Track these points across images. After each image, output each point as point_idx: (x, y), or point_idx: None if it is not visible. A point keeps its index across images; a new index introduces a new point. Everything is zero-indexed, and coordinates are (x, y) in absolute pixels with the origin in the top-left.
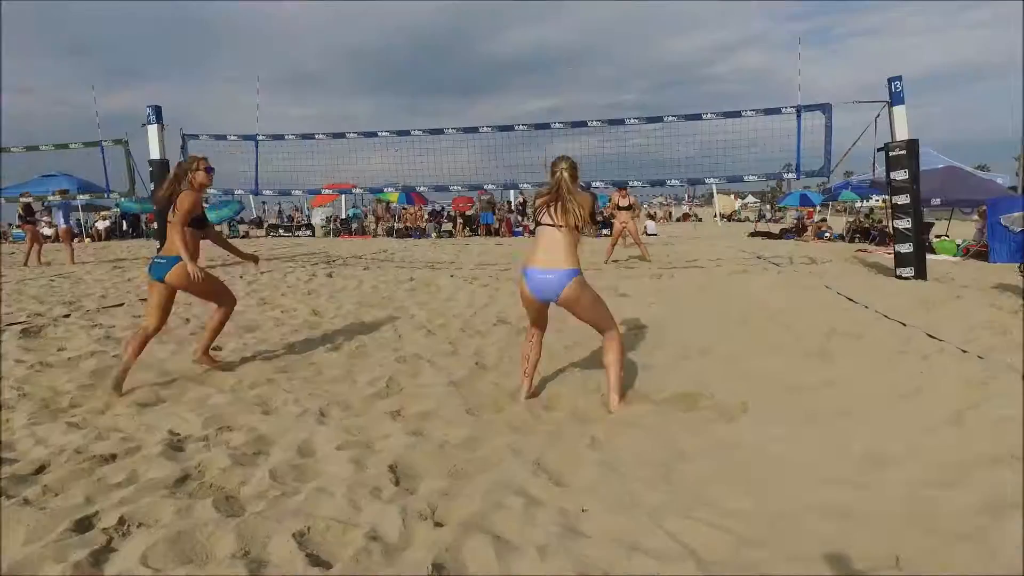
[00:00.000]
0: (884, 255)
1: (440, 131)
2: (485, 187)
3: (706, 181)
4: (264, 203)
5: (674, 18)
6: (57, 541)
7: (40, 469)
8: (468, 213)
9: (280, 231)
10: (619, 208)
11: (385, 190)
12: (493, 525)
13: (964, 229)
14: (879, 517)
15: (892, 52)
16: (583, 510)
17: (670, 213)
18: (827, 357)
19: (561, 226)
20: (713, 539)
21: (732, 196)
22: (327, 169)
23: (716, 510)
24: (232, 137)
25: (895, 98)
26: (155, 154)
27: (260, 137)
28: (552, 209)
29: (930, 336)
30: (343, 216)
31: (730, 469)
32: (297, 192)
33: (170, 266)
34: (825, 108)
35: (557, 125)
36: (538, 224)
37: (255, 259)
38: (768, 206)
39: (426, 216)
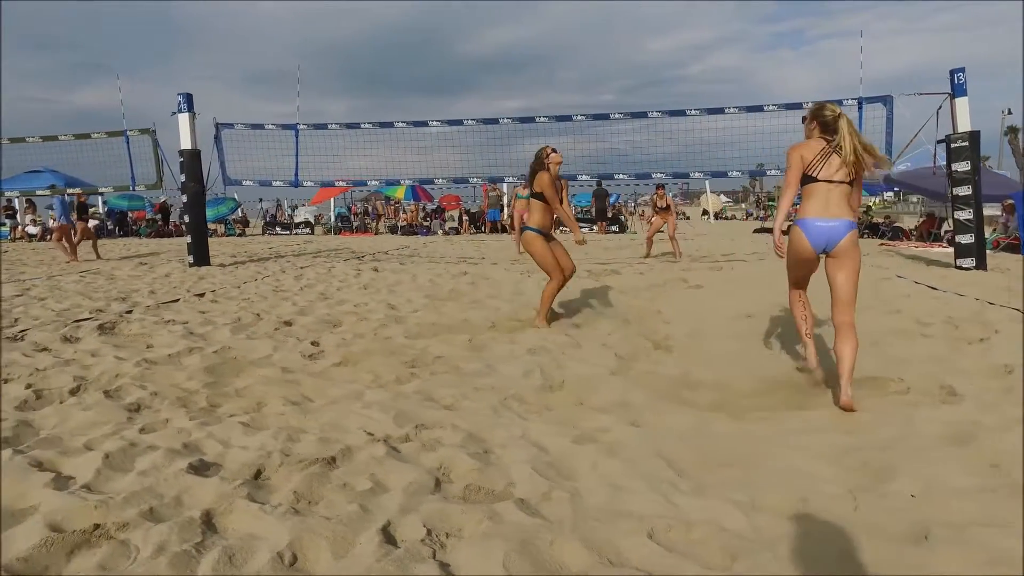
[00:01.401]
0: (914, 248)
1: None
2: (496, 182)
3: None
4: (240, 203)
5: (648, 19)
6: (381, 557)
7: (258, 474)
8: (473, 211)
9: (277, 229)
10: (657, 208)
11: (402, 181)
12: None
13: None
14: None
15: (867, 53)
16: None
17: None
18: (986, 343)
19: (842, 182)
20: None
21: (719, 195)
22: (341, 161)
23: None
24: (270, 127)
25: (957, 90)
26: (186, 143)
27: (301, 127)
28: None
29: None
30: (330, 214)
31: None
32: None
33: None
34: (887, 100)
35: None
36: (814, 180)
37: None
38: (747, 204)
39: (424, 213)
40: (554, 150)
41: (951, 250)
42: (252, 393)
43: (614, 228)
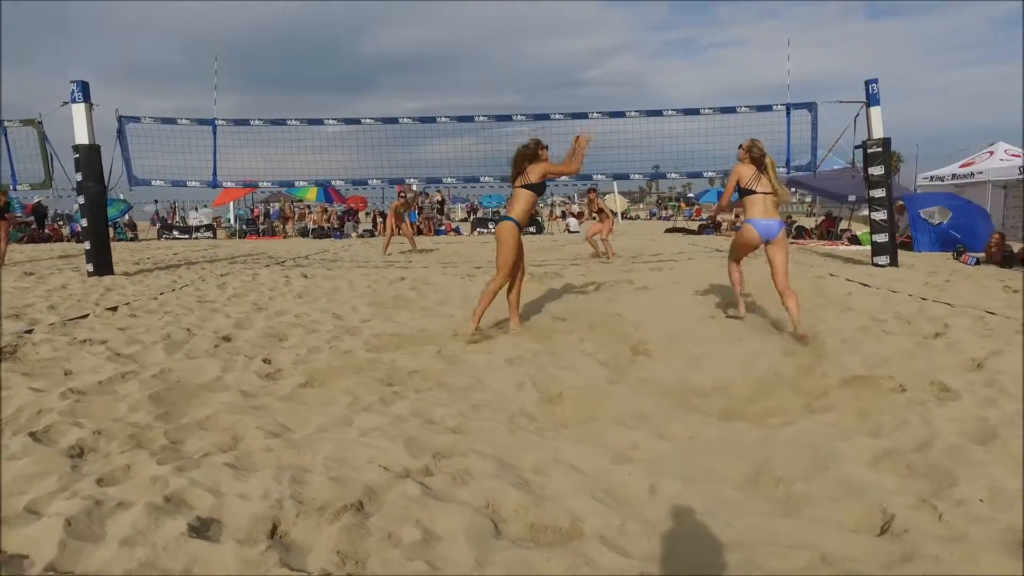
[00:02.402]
0: (823, 246)
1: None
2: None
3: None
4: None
5: (550, 22)
6: None
7: (273, 530)
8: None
9: (175, 233)
10: (592, 210)
11: (297, 184)
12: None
13: (858, 224)
14: None
15: (754, 62)
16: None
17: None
18: (944, 338)
19: (768, 193)
20: None
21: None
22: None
23: None
24: (184, 121)
25: (872, 99)
26: (83, 138)
27: (220, 122)
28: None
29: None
30: (229, 217)
31: None
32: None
33: None
34: (811, 107)
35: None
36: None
37: None
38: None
39: (335, 215)
40: (546, 146)
41: (857, 248)
42: (218, 424)
43: (531, 229)
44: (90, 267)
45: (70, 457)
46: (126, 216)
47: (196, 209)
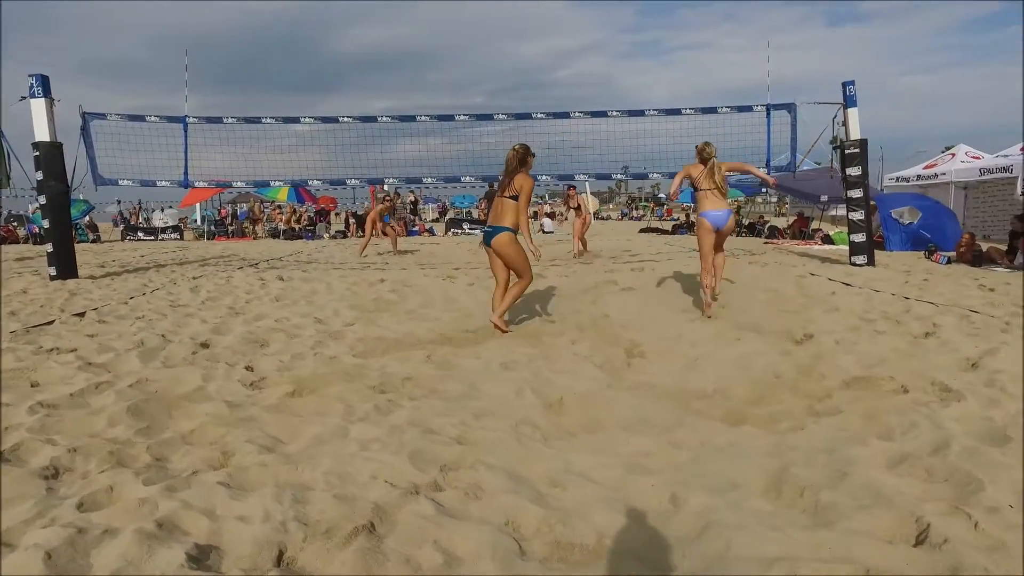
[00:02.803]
0: (798, 246)
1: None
2: (385, 182)
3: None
4: (94, 206)
5: (518, 23)
6: None
7: (280, 557)
8: (360, 213)
9: (140, 234)
10: (570, 208)
11: (272, 183)
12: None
13: (828, 224)
14: None
15: (716, 65)
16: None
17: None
18: (935, 337)
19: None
20: None
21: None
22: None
23: None
24: (153, 119)
25: (849, 101)
26: (43, 135)
27: (191, 120)
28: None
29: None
30: (195, 218)
31: None
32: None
33: None
34: (791, 108)
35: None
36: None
37: None
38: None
39: (306, 216)
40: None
41: (832, 247)
42: (204, 438)
43: None
44: (52, 270)
45: (44, 479)
46: (87, 217)
47: (162, 210)
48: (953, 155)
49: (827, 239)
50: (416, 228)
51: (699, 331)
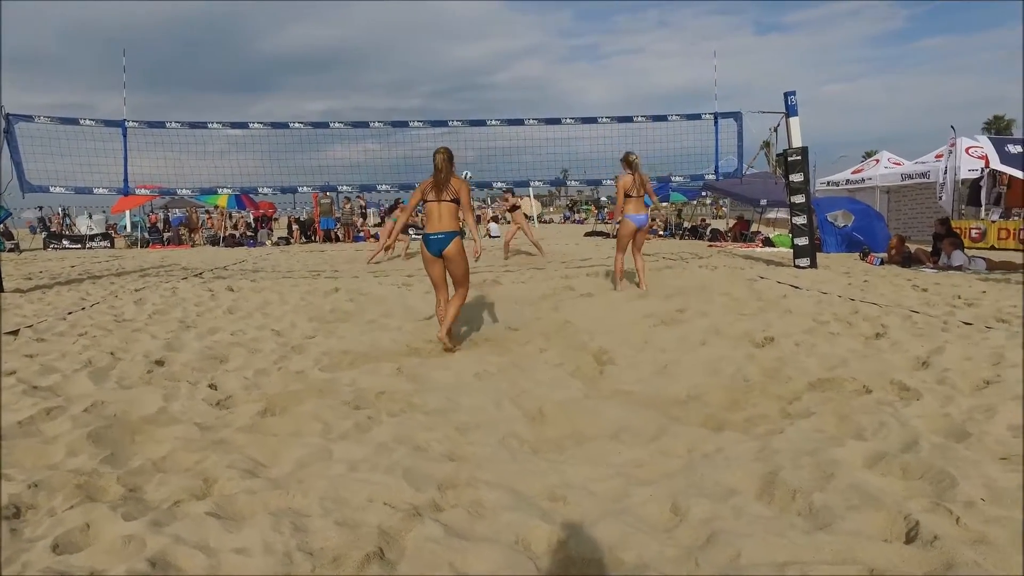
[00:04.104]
0: (741, 248)
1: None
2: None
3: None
4: (12, 212)
5: (456, 25)
6: None
7: None
8: (303, 219)
9: (65, 242)
10: (507, 210)
11: (219, 191)
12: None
13: (765, 227)
14: None
15: (651, 70)
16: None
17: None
18: (885, 338)
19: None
20: None
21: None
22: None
23: None
24: (88, 122)
25: (791, 110)
26: None
27: (130, 123)
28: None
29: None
30: (124, 224)
31: None
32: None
33: None
34: (737, 116)
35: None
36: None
37: None
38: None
39: (244, 222)
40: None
41: (773, 250)
42: (178, 464)
43: None
44: None
45: (7, 519)
46: (1, 225)
47: (90, 216)
48: (877, 161)
49: (768, 242)
50: (361, 234)
51: (664, 336)
